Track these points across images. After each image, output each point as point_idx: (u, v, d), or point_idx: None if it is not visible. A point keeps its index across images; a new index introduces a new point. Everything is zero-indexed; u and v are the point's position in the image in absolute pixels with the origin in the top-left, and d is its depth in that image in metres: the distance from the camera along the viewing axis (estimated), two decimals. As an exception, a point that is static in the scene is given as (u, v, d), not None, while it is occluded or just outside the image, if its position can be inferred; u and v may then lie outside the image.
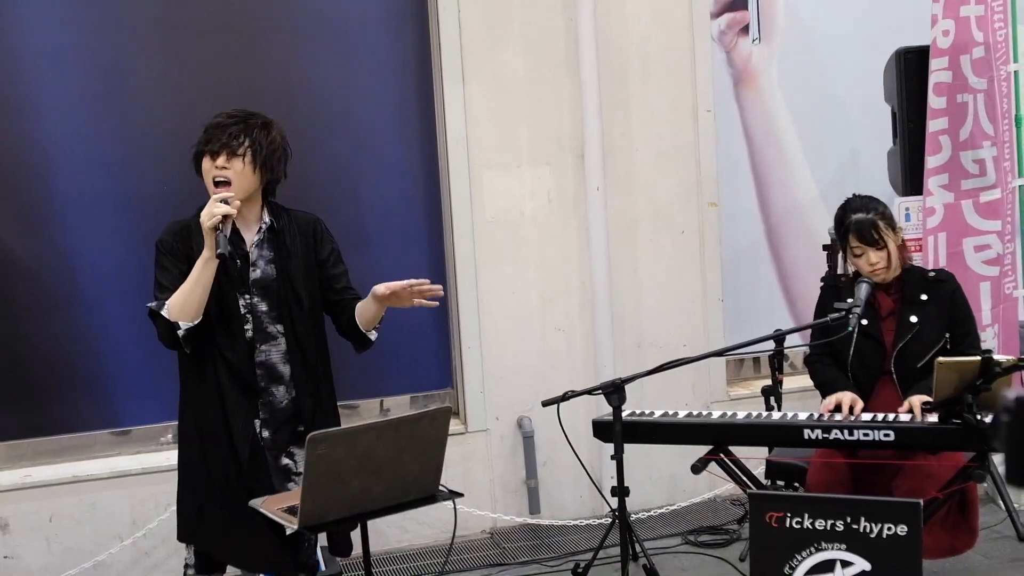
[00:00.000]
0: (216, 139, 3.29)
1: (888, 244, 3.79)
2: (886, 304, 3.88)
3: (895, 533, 3.18)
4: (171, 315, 3.22)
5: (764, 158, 5.78)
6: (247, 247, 3.38)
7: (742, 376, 5.92)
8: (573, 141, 5.24)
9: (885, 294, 3.88)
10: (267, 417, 3.39)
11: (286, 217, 3.47)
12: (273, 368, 3.39)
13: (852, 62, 5.75)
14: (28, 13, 4.64)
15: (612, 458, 3.67)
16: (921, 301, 3.84)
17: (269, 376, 3.38)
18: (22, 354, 4.75)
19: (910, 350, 3.79)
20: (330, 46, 5.02)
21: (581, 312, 5.31)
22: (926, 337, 3.80)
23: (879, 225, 3.78)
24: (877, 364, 3.84)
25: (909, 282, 3.88)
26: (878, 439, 3.52)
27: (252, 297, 3.36)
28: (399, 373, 5.27)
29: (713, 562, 4.72)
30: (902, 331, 3.82)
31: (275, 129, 3.42)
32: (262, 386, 3.37)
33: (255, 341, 3.37)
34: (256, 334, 3.36)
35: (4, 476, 4.68)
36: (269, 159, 3.36)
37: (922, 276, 3.92)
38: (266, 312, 3.38)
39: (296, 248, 3.42)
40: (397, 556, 5.00)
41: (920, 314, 3.82)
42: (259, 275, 3.37)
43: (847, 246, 3.86)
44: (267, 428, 3.39)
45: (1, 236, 4.68)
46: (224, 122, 3.33)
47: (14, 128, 4.67)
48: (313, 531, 2.96)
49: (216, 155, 3.29)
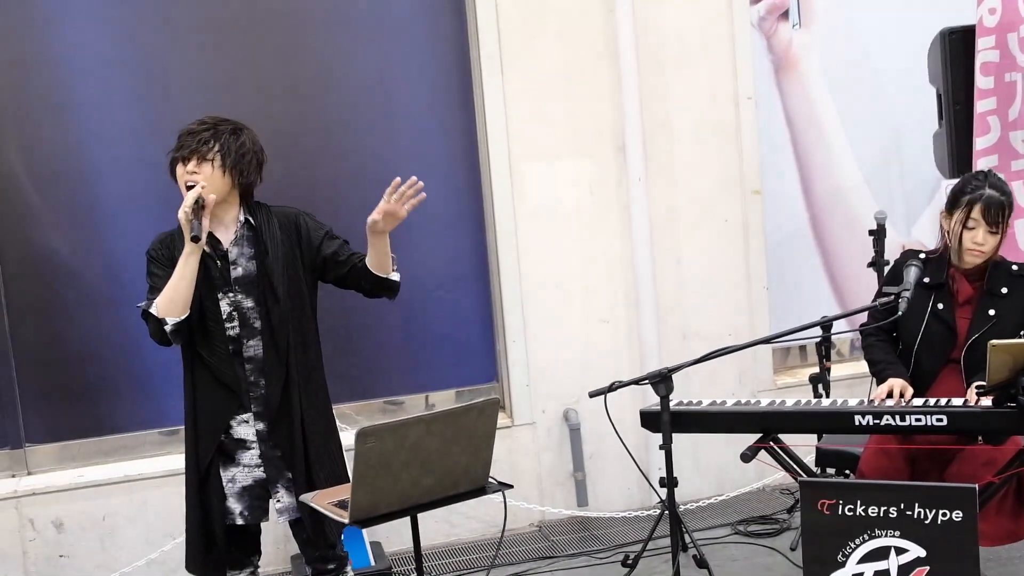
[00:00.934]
0: (187, 145, 3.40)
1: (1001, 232, 3.71)
2: (965, 291, 3.77)
3: (950, 519, 3.12)
4: (159, 312, 3.35)
5: (806, 144, 5.73)
6: (225, 246, 3.47)
7: (788, 365, 5.87)
8: (613, 131, 5.22)
9: (967, 280, 3.77)
10: (260, 410, 3.48)
11: (265, 213, 3.54)
12: (260, 363, 3.48)
13: (894, 44, 5.68)
14: (71, 21, 4.70)
15: (660, 448, 3.65)
16: (1002, 294, 3.73)
17: (257, 370, 3.48)
18: (70, 356, 4.82)
19: (983, 343, 3.69)
20: (368, 41, 5.04)
21: (625, 303, 5.29)
22: (1002, 332, 3.67)
23: (1005, 211, 3.69)
24: (945, 350, 3.75)
25: (993, 273, 3.76)
26: (931, 424, 3.46)
27: (236, 295, 3.46)
28: (444, 368, 5.28)
29: (764, 552, 4.68)
30: (978, 322, 3.72)
31: (245, 134, 3.50)
32: (251, 380, 3.47)
33: (242, 337, 3.46)
34: (243, 330, 3.46)
35: (58, 477, 4.74)
36: (239, 163, 3.44)
37: (1006, 269, 3.79)
38: (251, 308, 3.47)
39: (275, 243, 3.49)
40: (445, 551, 5.01)
41: (999, 307, 3.71)
42: (240, 272, 3.46)
43: (963, 216, 3.69)
44: (261, 420, 3.48)
45: (48, 239, 4.75)
46: (195, 129, 3.43)
47: (59, 132, 4.74)
48: (364, 525, 2.97)
49: (187, 160, 3.39)
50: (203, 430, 3.49)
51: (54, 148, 4.74)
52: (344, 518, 2.96)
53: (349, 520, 2.92)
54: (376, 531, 4.74)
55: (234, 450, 3.50)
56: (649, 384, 3.66)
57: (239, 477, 3.50)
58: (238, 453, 3.50)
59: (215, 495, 3.48)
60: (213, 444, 3.47)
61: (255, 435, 3.49)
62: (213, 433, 3.48)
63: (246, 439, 3.50)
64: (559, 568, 4.73)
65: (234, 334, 3.46)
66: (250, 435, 3.49)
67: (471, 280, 5.28)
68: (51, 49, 4.71)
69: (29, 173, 4.72)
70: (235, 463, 3.50)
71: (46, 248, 4.75)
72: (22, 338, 4.74)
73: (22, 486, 4.68)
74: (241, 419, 3.49)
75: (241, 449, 3.50)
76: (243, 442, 3.50)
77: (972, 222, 3.69)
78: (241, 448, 3.50)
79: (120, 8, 4.77)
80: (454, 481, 3.07)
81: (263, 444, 3.50)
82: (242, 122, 3.53)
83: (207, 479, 3.48)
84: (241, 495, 3.50)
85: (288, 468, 3.50)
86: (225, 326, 3.45)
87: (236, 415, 3.49)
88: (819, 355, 4.86)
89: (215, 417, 3.48)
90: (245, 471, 3.51)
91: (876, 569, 3.18)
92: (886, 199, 5.70)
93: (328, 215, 4.98)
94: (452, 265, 5.25)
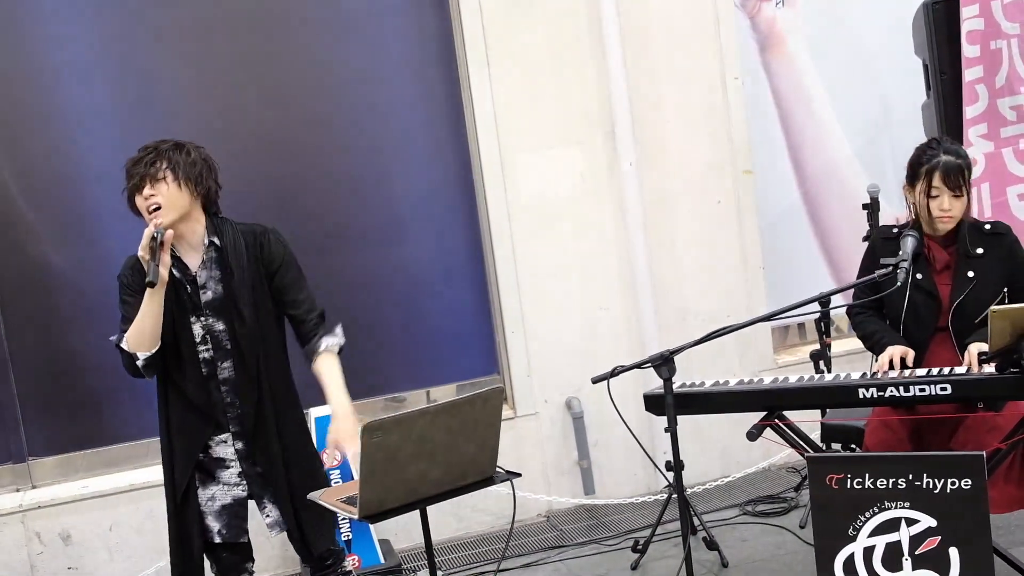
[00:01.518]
0: (136, 174, 3.36)
1: (965, 194, 3.73)
2: (941, 258, 3.79)
3: (959, 487, 3.12)
4: (129, 346, 3.34)
5: (796, 122, 5.73)
6: (193, 271, 3.42)
7: (788, 343, 5.87)
8: (602, 118, 5.21)
9: (940, 247, 3.79)
10: (238, 430, 3.47)
11: (231, 232, 3.47)
12: (235, 384, 3.46)
13: (878, 17, 5.68)
14: (58, 29, 4.69)
15: (665, 431, 3.64)
16: (977, 255, 3.74)
17: (234, 391, 3.46)
18: (69, 367, 4.80)
19: (967, 305, 3.71)
20: (353, 39, 5.03)
21: (622, 289, 5.28)
22: (983, 292, 3.71)
23: (965, 173, 3.71)
24: (932, 319, 3.76)
25: (965, 235, 3.79)
26: (935, 393, 3.45)
27: (208, 318, 3.43)
28: (444, 362, 5.27)
29: (773, 531, 4.69)
30: (959, 286, 3.73)
31: (188, 146, 3.44)
32: (228, 401, 3.45)
33: (216, 360, 3.44)
34: (216, 352, 3.44)
35: (64, 488, 4.74)
36: (190, 172, 3.38)
37: (978, 229, 3.81)
38: (223, 331, 3.44)
39: (240, 264, 3.44)
40: (454, 545, 5.01)
41: (977, 268, 3.73)
42: (210, 296, 3.42)
43: (925, 186, 3.73)
44: (239, 440, 3.48)
45: (43, 249, 4.74)
46: (138, 156, 3.39)
47: (51, 141, 4.73)
48: (373, 520, 2.95)
49: (140, 188, 3.35)
50: (179, 452, 3.47)
51: (46, 160, 4.72)
52: (354, 514, 2.94)
53: (359, 516, 2.91)
54: (384, 529, 4.74)
55: (214, 469, 3.49)
56: (652, 367, 3.65)
57: (219, 495, 3.49)
58: (218, 472, 3.49)
59: (192, 514, 3.46)
60: (190, 465, 3.46)
61: (234, 454, 3.49)
62: (189, 455, 3.46)
63: (225, 458, 3.49)
64: (569, 557, 4.73)
65: (208, 356, 3.44)
66: (229, 454, 3.49)
67: (467, 274, 5.27)
68: (40, 60, 4.69)
69: (21, 185, 4.71)
70: (215, 481, 3.49)
71: (41, 260, 4.74)
72: (21, 351, 4.73)
73: (27, 500, 4.67)
74: (219, 439, 3.48)
75: (221, 468, 3.49)
76: (222, 461, 3.49)
77: (935, 190, 3.72)
78: (221, 467, 3.49)
79: (108, 18, 4.76)
80: (462, 472, 3.06)
81: (243, 462, 3.49)
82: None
83: (185, 499, 3.47)
84: (220, 513, 3.49)
85: (271, 483, 3.49)
86: (199, 349, 3.42)
87: (214, 436, 3.47)
88: (819, 331, 4.87)
89: (191, 439, 3.46)
90: (224, 489, 3.50)
91: (887, 541, 3.18)
92: (878, 172, 5.70)
93: (317, 214, 5.01)
94: (447, 259, 5.24)
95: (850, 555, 3.21)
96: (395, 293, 5.15)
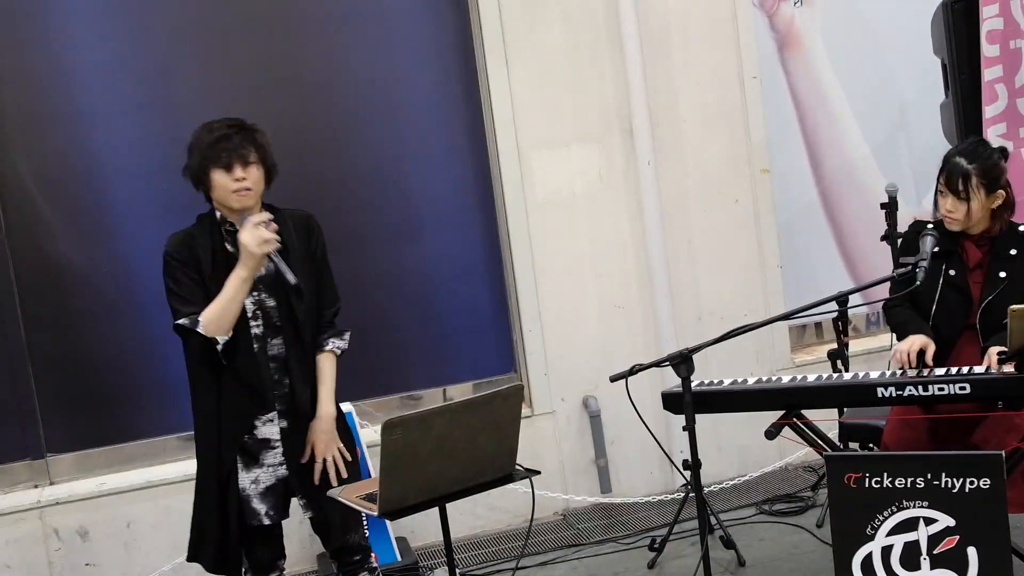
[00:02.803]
0: (226, 151, 3.38)
1: (972, 200, 3.70)
2: (974, 255, 3.77)
3: (978, 487, 3.11)
4: (207, 331, 3.34)
5: (813, 121, 5.72)
6: None
7: (805, 342, 5.86)
8: (620, 116, 5.21)
9: (975, 245, 3.77)
10: (283, 408, 3.51)
11: (280, 215, 3.56)
12: (284, 361, 3.50)
13: (896, 16, 5.66)
14: (76, 28, 4.71)
15: (684, 429, 3.64)
16: (1011, 256, 3.73)
17: (281, 369, 3.50)
18: (87, 364, 4.82)
19: (997, 305, 3.68)
20: (371, 39, 5.03)
21: (639, 288, 5.28)
22: (1014, 293, 3.67)
23: (971, 179, 3.68)
24: (962, 316, 3.74)
25: (1000, 235, 3.77)
26: (954, 392, 3.44)
27: (260, 294, 3.47)
28: (461, 361, 5.28)
29: (790, 530, 4.68)
30: (990, 285, 3.71)
31: (261, 129, 3.53)
32: (275, 379, 3.49)
33: (266, 336, 3.48)
34: (266, 329, 3.48)
35: (81, 485, 4.75)
36: (268, 158, 3.50)
37: (1013, 230, 3.79)
38: (273, 307, 3.49)
39: (292, 243, 3.51)
40: (471, 543, 5.01)
41: (1009, 269, 3.71)
42: (264, 272, 3.46)
43: (937, 183, 3.77)
44: (285, 418, 3.51)
45: (61, 249, 4.76)
46: (227, 133, 3.42)
47: (68, 140, 4.74)
48: (393, 517, 2.96)
49: (231, 167, 3.38)
50: (227, 432, 3.46)
51: (64, 158, 4.74)
52: (373, 511, 2.95)
53: (378, 512, 2.92)
54: (401, 527, 4.74)
55: (258, 451, 3.50)
56: (670, 366, 3.65)
57: (263, 478, 3.51)
58: (262, 453, 3.51)
59: (233, 500, 3.47)
60: (237, 445, 3.47)
61: (279, 433, 3.51)
62: (238, 434, 3.47)
63: (270, 438, 3.51)
64: (586, 555, 4.72)
65: (258, 332, 3.47)
66: (274, 434, 3.51)
67: (484, 272, 5.27)
68: (58, 59, 4.71)
69: (40, 183, 4.72)
70: (258, 464, 3.50)
71: (59, 258, 4.75)
72: (39, 349, 4.75)
73: (45, 496, 4.69)
74: (266, 418, 3.50)
75: (265, 449, 3.51)
76: (267, 442, 3.51)
77: (943, 189, 3.74)
78: (265, 448, 3.51)
79: (126, 16, 4.76)
80: (481, 469, 3.07)
81: (286, 442, 3.51)
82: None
83: (228, 481, 3.47)
84: (265, 495, 3.51)
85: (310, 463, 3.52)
86: (250, 324, 3.45)
87: (260, 415, 3.49)
88: (836, 331, 4.85)
89: (240, 418, 3.47)
90: (269, 471, 3.52)
91: (906, 540, 3.17)
92: (895, 172, 5.69)
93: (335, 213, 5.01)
94: (464, 258, 5.24)
95: (868, 554, 3.20)
96: (412, 291, 5.16)
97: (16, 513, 4.63)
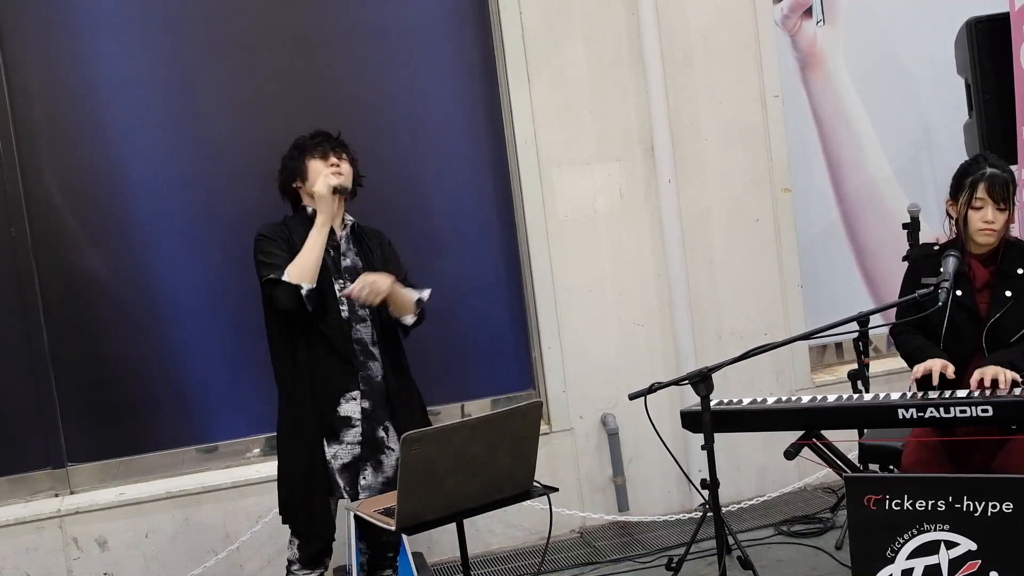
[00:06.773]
0: (322, 143, 3.83)
1: (1011, 208, 3.70)
2: (981, 275, 3.76)
3: (1000, 511, 3.07)
4: (292, 279, 3.62)
5: (835, 140, 5.72)
6: (338, 238, 3.82)
7: (825, 362, 5.84)
8: (641, 134, 5.22)
9: (981, 265, 3.77)
10: (366, 389, 3.75)
11: (361, 229, 3.97)
12: (366, 346, 3.77)
13: (919, 36, 5.66)
14: (105, 44, 4.76)
15: (702, 448, 3.62)
16: (1018, 275, 3.71)
17: (364, 352, 3.77)
18: (108, 374, 4.85)
19: (1002, 325, 3.67)
20: (394, 56, 5.06)
21: (659, 306, 5.28)
22: (1018, 312, 3.68)
23: (1011, 187, 3.69)
24: (972, 337, 3.73)
25: (1007, 255, 3.76)
26: (976, 415, 3.41)
27: (345, 282, 3.76)
28: (479, 377, 5.28)
29: (809, 551, 4.65)
30: (995, 305, 3.70)
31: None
32: (360, 360, 3.75)
33: (350, 320, 3.75)
34: (350, 315, 3.76)
35: (100, 495, 4.77)
36: (359, 171, 3.95)
37: (1020, 249, 3.78)
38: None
39: (374, 246, 3.92)
40: (488, 559, 5.00)
41: (1015, 288, 3.70)
42: (349, 263, 3.82)
43: (968, 197, 3.71)
44: (367, 399, 3.75)
45: (86, 260, 4.79)
46: (328, 134, 3.88)
47: (95, 153, 4.79)
48: (410, 532, 2.97)
49: (326, 155, 3.81)
50: (321, 395, 3.70)
51: (91, 170, 4.78)
52: (391, 526, 2.96)
53: (396, 527, 2.92)
54: (417, 542, 4.74)
55: (339, 427, 3.71)
56: (689, 384, 3.63)
57: (341, 454, 3.72)
58: (343, 431, 3.72)
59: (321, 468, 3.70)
60: (332, 406, 3.69)
61: (360, 412, 3.72)
62: (332, 396, 3.69)
63: (352, 417, 3.72)
64: (603, 574, 4.71)
65: (345, 316, 3.74)
66: (355, 412, 3.72)
67: (504, 288, 5.28)
68: (87, 74, 4.76)
69: (66, 195, 4.77)
70: (338, 440, 3.72)
71: (84, 269, 4.79)
72: (62, 358, 4.78)
73: (65, 505, 4.72)
74: (350, 395, 3.71)
75: (346, 427, 3.72)
76: (348, 420, 3.72)
77: (979, 201, 3.69)
78: (346, 426, 3.72)
79: (153, 31, 4.81)
80: (499, 486, 3.07)
81: (365, 423, 3.72)
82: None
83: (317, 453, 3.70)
84: (343, 471, 3.72)
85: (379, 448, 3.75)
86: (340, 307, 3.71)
87: (346, 392, 3.71)
88: (857, 351, 4.81)
89: (331, 383, 3.70)
90: (347, 448, 3.73)
91: (926, 564, 3.14)
92: (918, 192, 5.67)
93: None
94: (485, 274, 5.25)
95: (888, 577, 3.18)
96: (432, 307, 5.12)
97: (36, 521, 4.66)
